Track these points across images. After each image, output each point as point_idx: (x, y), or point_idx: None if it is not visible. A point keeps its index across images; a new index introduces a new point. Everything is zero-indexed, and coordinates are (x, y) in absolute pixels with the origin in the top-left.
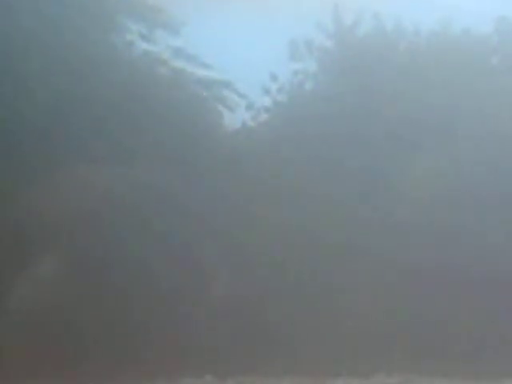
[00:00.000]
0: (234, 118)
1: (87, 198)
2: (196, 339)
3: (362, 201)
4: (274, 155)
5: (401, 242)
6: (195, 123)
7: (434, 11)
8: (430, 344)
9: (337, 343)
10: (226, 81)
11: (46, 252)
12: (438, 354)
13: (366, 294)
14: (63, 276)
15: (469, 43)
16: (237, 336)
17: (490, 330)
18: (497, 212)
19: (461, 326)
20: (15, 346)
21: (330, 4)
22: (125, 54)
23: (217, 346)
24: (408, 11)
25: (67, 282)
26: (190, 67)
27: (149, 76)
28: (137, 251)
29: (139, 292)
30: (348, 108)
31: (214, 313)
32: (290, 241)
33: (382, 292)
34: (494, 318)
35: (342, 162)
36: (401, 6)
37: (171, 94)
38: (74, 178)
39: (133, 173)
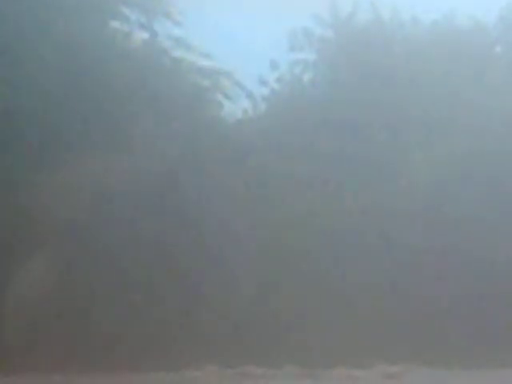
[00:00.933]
0: (234, 108)
1: (87, 186)
2: (198, 331)
3: (361, 189)
4: (274, 144)
5: (400, 231)
6: (195, 113)
7: (432, 1)
8: (429, 334)
9: (338, 334)
10: (225, 70)
11: (43, 246)
12: (438, 344)
13: (367, 285)
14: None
15: (470, 32)
16: (238, 327)
17: (489, 321)
18: (496, 201)
19: (460, 317)
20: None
21: None
22: (125, 44)
23: (218, 338)
24: (406, 2)
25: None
26: (190, 57)
27: (149, 65)
28: (137, 243)
29: (139, 283)
30: (347, 97)
31: (215, 305)
32: (289, 228)
33: (382, 283)
34: (494, 309)
35: (341, 150)
36: None
37: (171, 84)
38: (73, 166)
39: (132, 162)
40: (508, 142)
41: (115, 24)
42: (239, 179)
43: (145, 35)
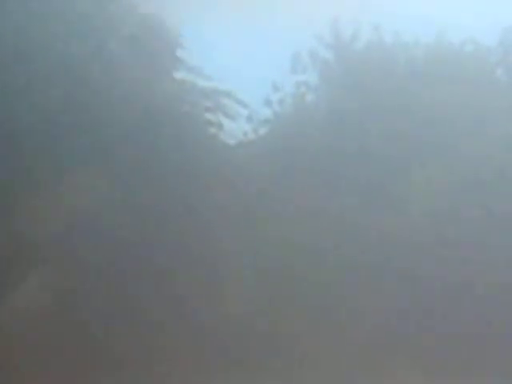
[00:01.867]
0: (236, 129)
1: (83, 209)
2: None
3: (362, 213)
4: (274, 167)
5: (401, 253)
6: (196, 134)
7: (434, 24)
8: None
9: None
10: (227, 91)
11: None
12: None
13: (366, 303)
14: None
15: (471, 55)
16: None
17: (490, 328)
18: (498, 226)
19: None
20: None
21: (330, 17)
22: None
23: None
24: (408, 24)
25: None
26: (192, 78)
27: (150, 87)
28: (137, 258)
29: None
30: (348, 120)
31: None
32: (289, 252)
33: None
34: (495, 316)
35: (342, 174)
36: (400, 18)
37: (172, 105)
38: (71, 188)
39: (132, 183)
40: (510, 167)
41: (115, 45)
42: (239, 201)
43: None
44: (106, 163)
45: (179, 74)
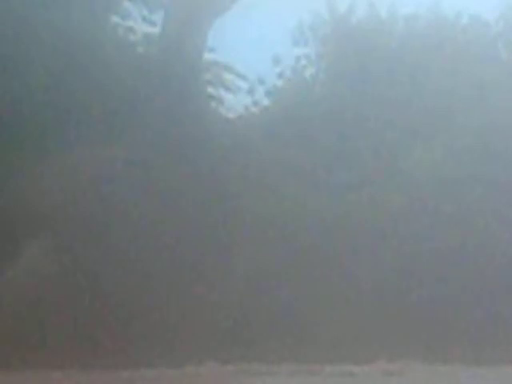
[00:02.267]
0: (236, 102)
1: (82, 182)
2: (198, 327)
3: (362, 185)
4: (275, 139)
5: (398, 230)
6: (195, 106)
7: None
8: (430, 331)
9: (338, 330)
10: (227, 64)
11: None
12: (439, 340)
13: (367, 282)
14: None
15: (470, 28)
16: (237, 323)
17: (490, 317)
18: (495, 202)
19: (461, 314)
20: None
21: None
22: (126, 37)
23: (218, 333)
24: None
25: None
26: None
27: (149, 58)
28: (134, 238)
29: (139, 281)
30: (347, 92)
31: (214, 302)
32: (290, 223)
33: (382, 281)
34: (494, 306)
35: (342, 145)
36: None
37: (172, 76)
38: (69, 161)
39: (132, 156)
40: (509, 139)
41: (117, 17)
42: (240, 174)
43: (146, 28)
44: (109, 136)
45: None
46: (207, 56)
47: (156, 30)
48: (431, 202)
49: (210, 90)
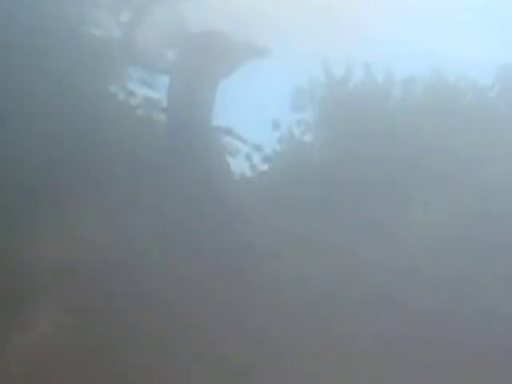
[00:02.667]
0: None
1: (83, 249)
2: None
3: (361, 247)
4: (273, 203)
5: (399, 287)
6: (195, 171)
7: (428, 60)
8: None
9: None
10: (228, 128)
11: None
12: None
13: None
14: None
15: (468, 90)
16: None
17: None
18: (495, 262)
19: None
20: None
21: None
22: (126, 102)
23: None
24: (400, 61)
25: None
26: None
27: (149, 122)
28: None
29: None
30: (345, 157)
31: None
32: (290, 289)
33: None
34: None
35: (340, 208)
36: (392, 55)
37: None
38: (71, 231)
39: (131, 221)
40: (508, 203)
41: (116, 80)
42: (239, 240)
43: (146, 91)
44: (107, 196)
45: None
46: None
47: (157, 93)
48: (429, 266)
49: (209, 152)
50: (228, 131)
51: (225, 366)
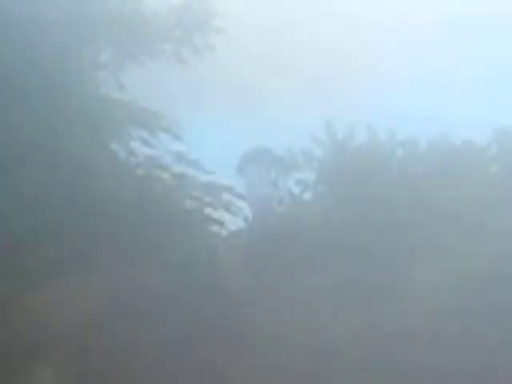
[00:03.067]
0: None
1: (91, 306)
2: None
3: (363, 308)
4: (274, 262)
5: (402, 347)
6: (195, 230)
7: (429, 122)
8: None
9: None
10: (227, 185)
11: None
12: None
13: None
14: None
15: (467, 153)
16: None
17: None
18: (497, 324)
19: None
20: None
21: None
22: (127, 161)
23: None
24: (402, 122)
25: None
26: (191, 172)
27: (150, 181)
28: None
29: None
30: (346, 217)
31: None
32: (279, 348)
33: None
34: None
35: (341, 270)
36: (395, 116)
37: (172, 199)
38: (77, 286)
39: (132, 279)
40: (508, 264)
41: (117, 140)
42: (240, 301)
43: (146, 150)
44: (107, 260)
45: (178, 168)
46: (207, 177)
47: (156, 152)
48: (431, 325)
49: (210, 211)
50: (228, 189)
51: None
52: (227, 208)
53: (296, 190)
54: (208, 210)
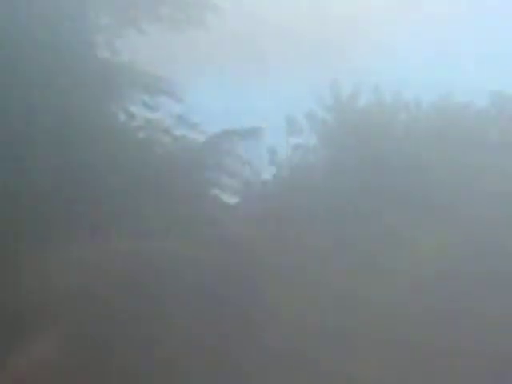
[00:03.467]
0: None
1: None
2: None
3: (364, 272)
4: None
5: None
6: (195, 192)
7: (433, 85)
8: None
9: None
10: (228, 148)
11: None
12: None
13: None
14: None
15: (467, 116)
16: None
17: None
18: (497, 290)
19: None
20: None
21: (330, 77)
22: (127, 124)
23: None
24: (407, 85)
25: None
26: (192, 134)
27: (151, 144)
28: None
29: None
30: (346, 181)
31: None
32: (278, 314)
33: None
34: None
35: (339, 235)
36: (400, 79)
37: (173, 163)
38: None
39: (131, 243)
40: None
41: (118, 103)
42: (239, 265)
43: (147, 114)
44: (107, 224)
45: (179, 131)
46: (208, 140)
47: (156, 115)
48: (435, 291)
49: (210, 175)
50: (228, 152)
51: None
52: (227, 171)
53: (297, 153)
54: (209, 173)
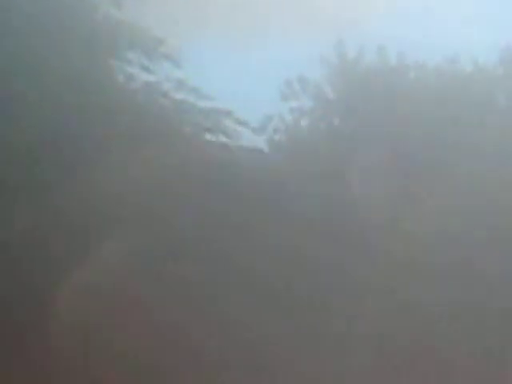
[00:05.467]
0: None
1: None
2: None
3: (363, 239)
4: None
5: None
6: (195, 156)
7: (439, 46)
8: None
9: None
10: (227, 110)
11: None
12: None
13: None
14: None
15: (472, 76)
16: None
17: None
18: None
19: None
20: None
21: (333, 38)
22: (125, 86)
23: None
24: (413, 46)
25: None
26: (192, 99)
27: (149, 107)
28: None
29: None
30: (346, 144)
31: None
32: (278, 265)
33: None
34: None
35: (339, 199)
36: (405, 41)
37: (171, 125)
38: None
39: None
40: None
41: (115, 66)
42: (231, 228)
43: (146, 77)
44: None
45: (179, 95)
46: (206, 103)
47: (155, 78)
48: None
49: (209, 137)
50: (228, 114)
51: None
52: (226, 133)
53: (294, 115)
54: (207, 136)
